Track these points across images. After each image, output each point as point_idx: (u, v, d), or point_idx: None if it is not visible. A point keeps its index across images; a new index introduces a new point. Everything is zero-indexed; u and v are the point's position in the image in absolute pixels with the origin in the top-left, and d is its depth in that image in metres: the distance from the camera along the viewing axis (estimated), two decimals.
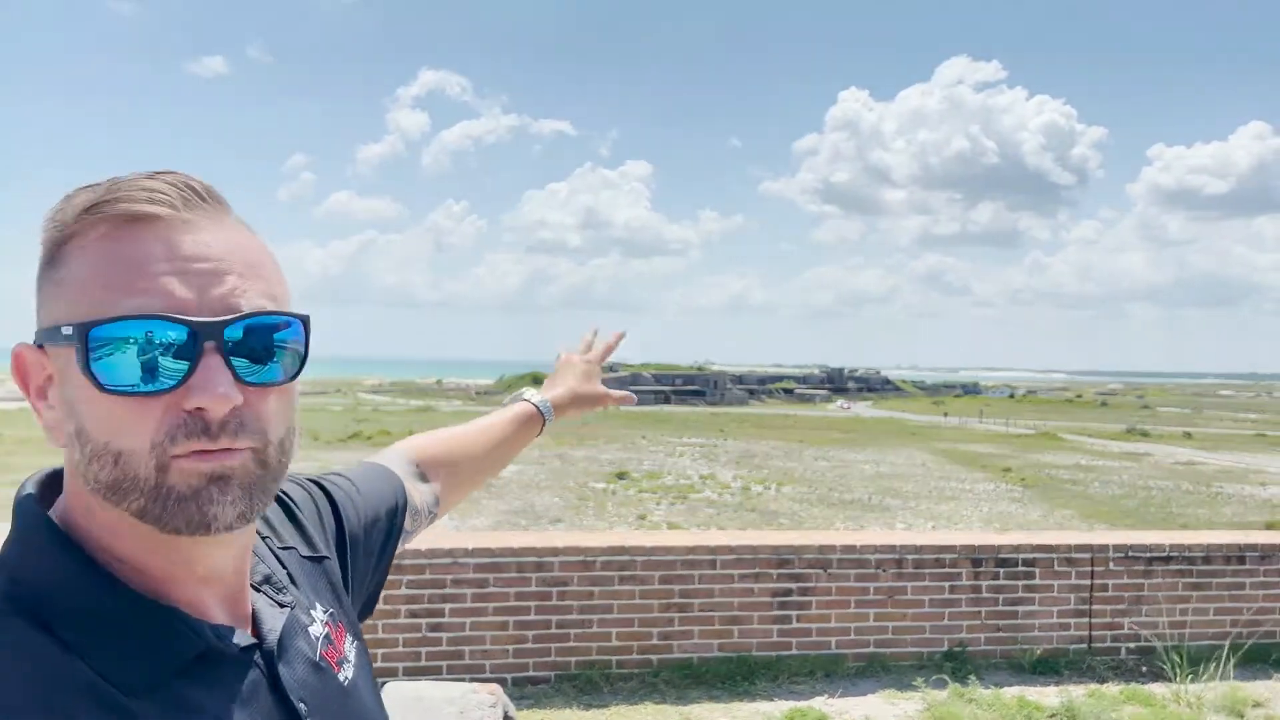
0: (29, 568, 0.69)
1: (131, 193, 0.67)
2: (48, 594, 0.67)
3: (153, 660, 0.68)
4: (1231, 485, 41.24)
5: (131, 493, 0.67)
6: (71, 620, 0.67)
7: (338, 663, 0.85)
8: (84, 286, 0.67)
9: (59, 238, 0.69)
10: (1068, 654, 5.68)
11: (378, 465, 1.18)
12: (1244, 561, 5.90)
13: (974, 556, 5.66)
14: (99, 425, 0.67)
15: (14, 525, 0.73)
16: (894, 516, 30.54)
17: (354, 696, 0.85)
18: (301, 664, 0.80)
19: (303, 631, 0.83)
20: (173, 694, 0.68)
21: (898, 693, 5.20)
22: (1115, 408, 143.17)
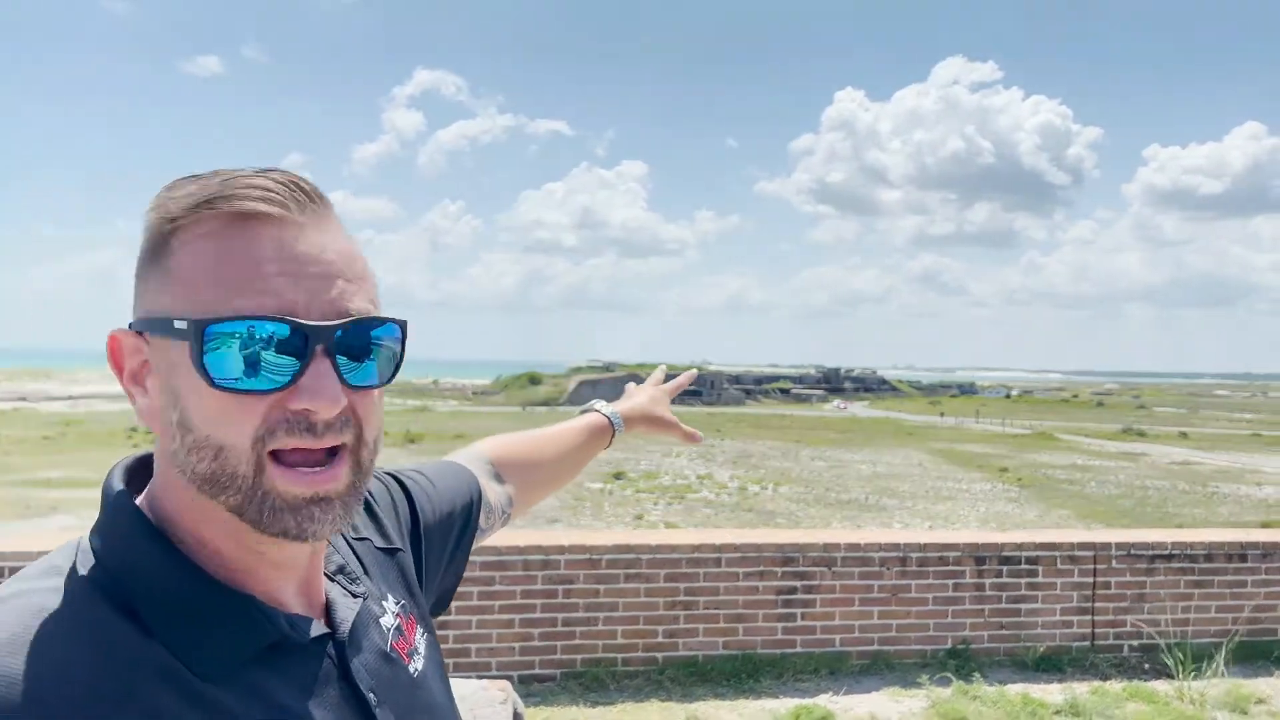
0: (115, 553, 0.71)
1: (244, 190, 0.68)
2: (132, 579, 0.69)
3: (229, 648, 0.70)
4: (1227, 485, 41.33)
5: (229, 488, 0.69)
6: (154, 605, 0.68)
7: (408, 654, 0.87)
8: (195, 281, 0.68)
9: (165, 228, 0.70)
10: (1071, 651, 5.70)
11: (454, 463, 1.20)
12: (1245, 559, 5.92)
13: (977, 554, 5.68)
14: (204, 418, 0.68)
15: (102, 511, 0.74)
16: (891, 516, 30.58)
17: (423, 688, 0.87)
18: (373, 654, 0.82)
19: (374, 622, 0.85)
20: (246, 681, 0.70)
21: (902, 690, 5.22)
22: (1111, 408, 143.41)
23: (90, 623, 0.66)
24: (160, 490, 0.74)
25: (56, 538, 5.11)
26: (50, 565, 0.71)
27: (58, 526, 24.11)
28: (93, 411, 77.73)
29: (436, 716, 0.87)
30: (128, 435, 54.31)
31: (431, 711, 0.86)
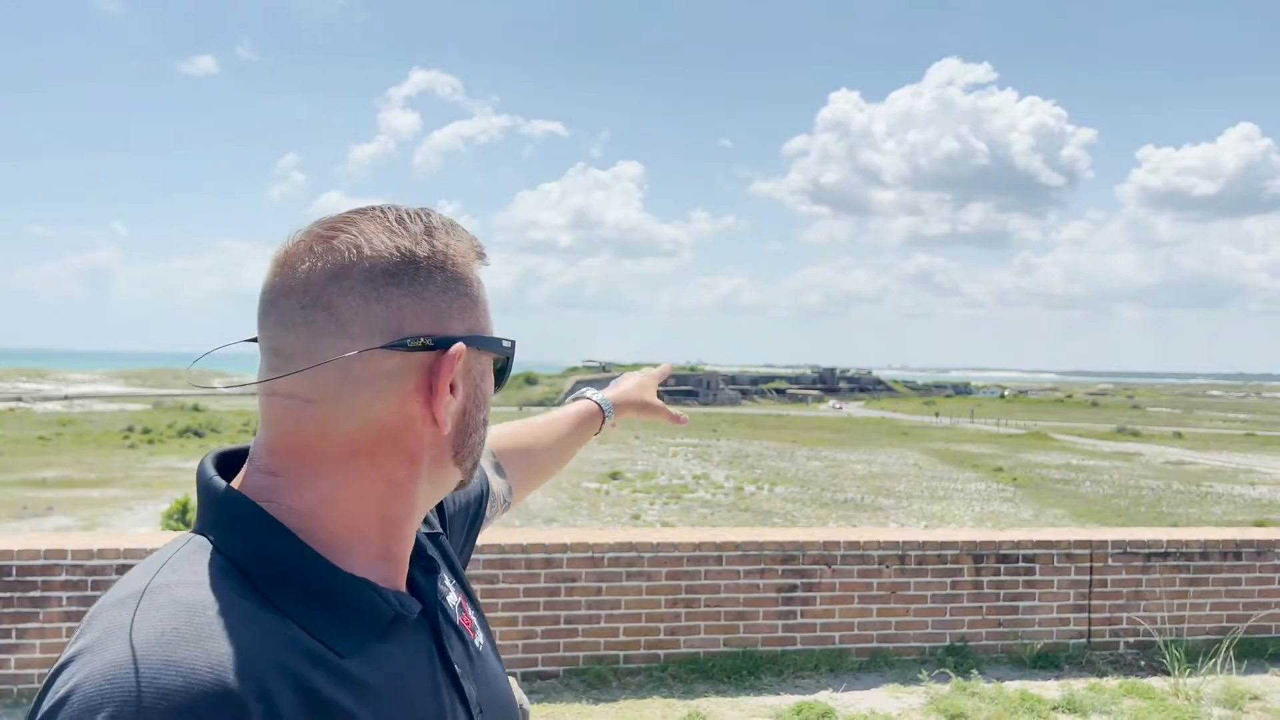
0: (242, 547, 0.78)
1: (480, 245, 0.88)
2: (263, 570, 0.77)
3: (357, 626, 0.78)
4: (1221, 485, 41.47)
5: (472, 456, 0.88)
6: (286, 593, 0.76)
7: (472, 628, 0.96)
8: (485, 310, 0.86)
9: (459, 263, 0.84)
10: (1068, 648, 5.76)
11: None
12: (1240, 557, 5.98)
13: (975, 553, 5.73)
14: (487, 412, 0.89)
15: (212, 507, 0.80)
16: (887, 516, 30.65)
17: (485, 659, 0.95)
18: (449, 628, 0.91)
19: (444, 599, 0.93)
20: (374, 654, 0.78)
21: (901, 687, 5.27)
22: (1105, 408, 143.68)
23: (241, 613, 0.72)
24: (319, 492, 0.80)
25: (59, 539, 5.15)
26: (173, 561, 0.76)
27: (54, 527, 24.08)
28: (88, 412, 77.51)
29: (497, 686, 0.95)
30: (124, 436, 54.20)
31: (495, 683, 0.95)
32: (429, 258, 0.81)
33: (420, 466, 0.83)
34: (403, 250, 0.80)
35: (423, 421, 0.81)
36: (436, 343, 0.80)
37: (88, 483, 35.33)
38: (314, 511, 0.79)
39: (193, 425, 60.20)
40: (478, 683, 0.90)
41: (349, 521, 0.80)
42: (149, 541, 5.03)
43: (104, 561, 4.87)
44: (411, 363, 0.80)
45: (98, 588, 4.85)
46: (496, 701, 0.93)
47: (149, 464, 42.37)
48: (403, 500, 0.83)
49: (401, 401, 0.80)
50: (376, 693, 0.76)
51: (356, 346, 0.77)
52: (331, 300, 0.78)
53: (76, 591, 4.85)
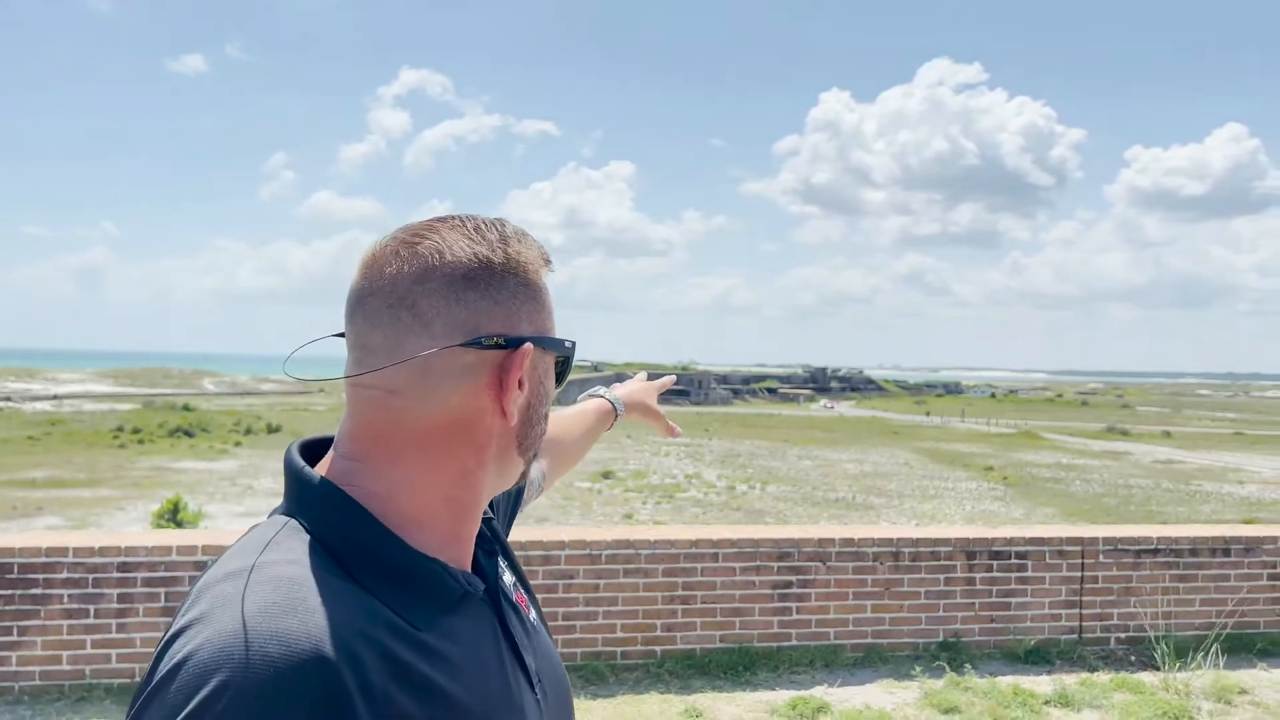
0: (331, 530, 0.86)
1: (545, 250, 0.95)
2: (349, 550, 0.84)
3: (430, 602, 0.86)
4: (1210, 483, 41.69)
5: (534, 448, 0.96)
6: (369, 571, 0.84)
7: (526, 605, 1.04)
8: (551, 314, 0.94)
9: (535, 274, 0.93)
10: (1059, 644, 5.83)
11: None
12: (1229, 554, 6.06)
13: (968, 550, 5.80)
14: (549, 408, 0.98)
15: (301, 491, 0.89)
16: (878, 515, 30.75)
17: (541, 635, 1.03)
18: (508, 605, 0.98)
19: (501, 578, 1.01)
20: (446, 628, 0.86)
21: (895, 682, 5.32)
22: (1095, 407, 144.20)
23: (332, 589, 0.80)
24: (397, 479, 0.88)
25: (60, 537, 5.17)
26: (268, 542, 0.84)
27: (44, 527, 23.99)
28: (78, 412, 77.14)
29: (553, 660, 1.03)
30: (113, 436, 53.99)
31: (549, 656, 1.03)
32: (503, 264, 0.89)
33: (488, 455, 0.91)
34: (480, 257, 0.88)
35: (492, 414, 0.89)
36: (508, 342, 0.88)
37: (77, 483, 35.20)
38: (391, 495, 0.87)
39: (183, 425, 59.99)
40: (535, 655, 0.98)
41: (422, 505, 0.88)
42: (149, 540, 5.06)
43: (105, 560, 4.90)
44: (485, 360, 0.88)
45: (99, 585, 4.88)
46: (551, 673, 1.01)
47: (139, 464, 42.23)
48: (471, 486, 0.91)
49: (475, 395, 0.88)
50: (451, 661, 0.84)
51: (438, 344, 0.86)
52: (416, 301, 0.86)
53: (78, 589, 4.87)
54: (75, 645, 4.88)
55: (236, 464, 42.75)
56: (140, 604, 4.93)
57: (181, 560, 4.96)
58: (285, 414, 78.13)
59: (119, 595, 4.91)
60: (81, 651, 4.89)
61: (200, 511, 21.92)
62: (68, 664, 4.87)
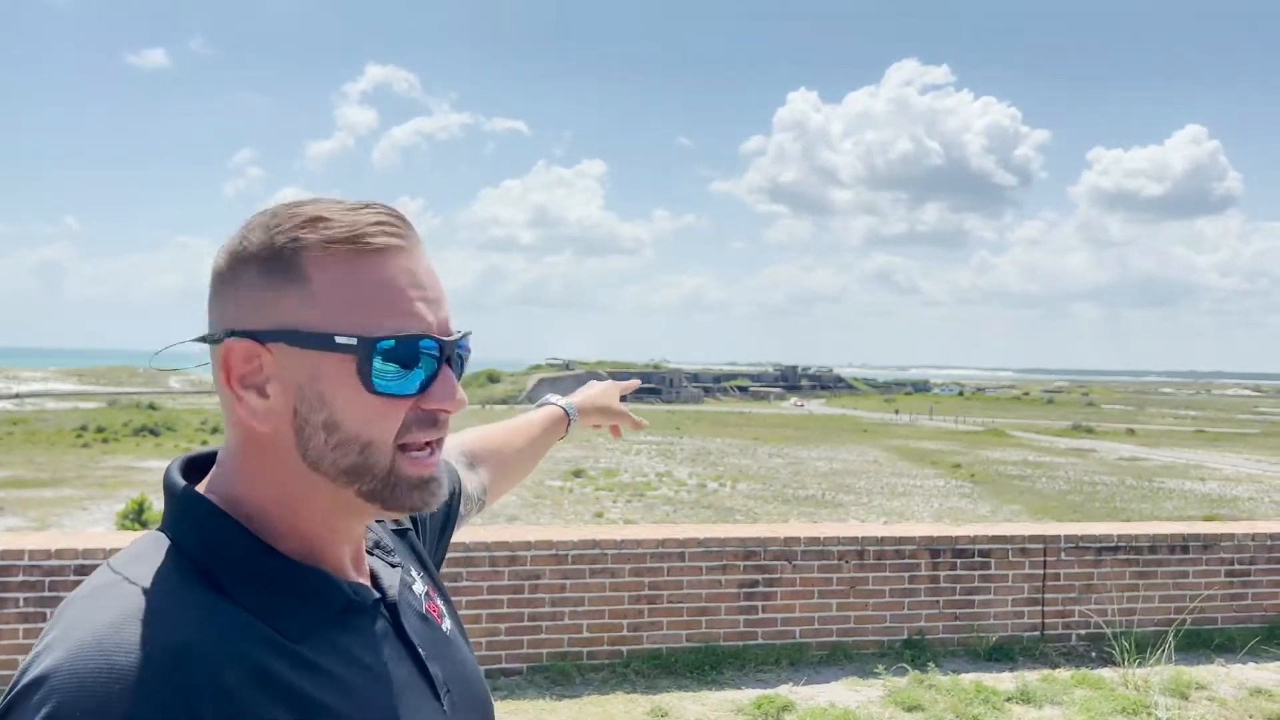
0: (196, 540, 0.81)
1: (374, 228, 0.81)
2: (215, 560, 0.80)
3: (309, 612, 0.82)
4: (1173, 480, 42.32)
5: (366, 476, 0.81)
6: (239, 581, 0.79)
7: (439, 615, 1.01)
8: (345, 304, 0.79)
9: (297, 256, 0.79)
10: (1022, 641, 5.89)
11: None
12: (1187, 551, 6.15)
13: (932, 547, 5.84)
14: (355, 419, 0.80)
15: (172, 504, 0.84)
16: (847, 512, 30.96)
17: (454, 645, 1.00)
18: (413, 615, 0.95)
19: (409, 589, 0.97)
20: (327, 639, 0.82)
21: (860, 680, 5.35)
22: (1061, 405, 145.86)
23: (191, 598, 0.76)
24: (241, 481, 0.84)
25: (16, 539, 5.08)
26: (133, 556, 0.81)
27: (4, 528, 23.61)
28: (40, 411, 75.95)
29: (468, 669, 1.00)
30: (77, 435, 53.23)
31: (464, 665, 1.00)
32: (241, 253, 0.81)
33: (276, 465, 0.82)
34: (231, 247, 0.82)
35: (249, 420, 0.82)
36: (263, 338, 0.79)
37: (39, 482, 34.69)
38: (243, 500, 0.83)
39: (148, 424, 59.26)
40: (444, 664, 0.94)
41: (275, 513, 0.83)
42: (107, 541, 4.99)
43: (62, 562, 4.82)
44: (217, 358, 0.82)
45: (55, 588, 4.81)
46: (465, 681, 0.97)
47: (103, 463, 41.66)
48: (301, 498, 0.83)
49: (226, 398, 0.83)
50: (329, 673, 0.80)
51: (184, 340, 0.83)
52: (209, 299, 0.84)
53: (34, 592, 4.79)
54: (30, 650, 4.80)
55: None
56: None
57: None
58: None
59: None
60: None
61: None
62: None
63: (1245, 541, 6.21)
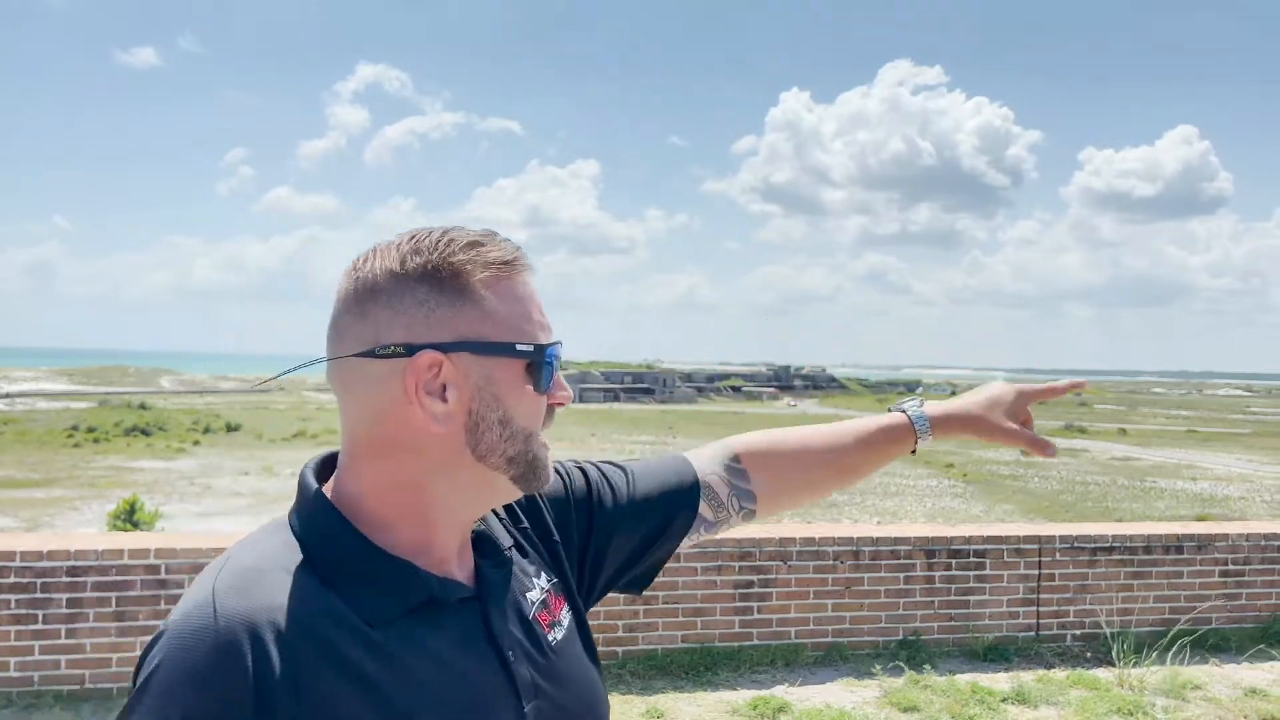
0: (306, 527, 0.93)
1: (516, 251, 0.96)
2: (316, 545, 0.91)
3: (389, 601, 0.90)
4: (1165, 480, 42.44)
5: (521, 462, 0.95)
6: (330, 565, 0.90)
7: (549, 625, 1.04)
8: (512, 317, 0.94)
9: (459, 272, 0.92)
10: (1017, 641, 5.89)
11: (674, 456, 1.31)
12: (1182, 551, 6.15)
13: (927, 548, 5.83)
14: (523, 415, 0.95)
15: (298, 496, 0.96)
16: (840, 512, 30.99)
17: (562, 657, 1.03)
18: (514, 619, 1.00)
19: (519, 592, 1.03)
20: (402, 629, 0.89)
21: (855, 680, 5.35)
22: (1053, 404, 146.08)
23: (287, 576, 0.87)
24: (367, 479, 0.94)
25: (8, 540, 5.05)
26: (255, 535, 0.94)
27: None
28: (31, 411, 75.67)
29: (571, 685, 1.02)
30: (68, 435, 53.02)
31: (565, 680, 1.01)
32: (416, 273, 0.92)
33: (431, 464, 0.93)
34: (387, 270, 0.92)
35: (422, 422, 0.91)
36: (409, 350, 0.90)
37: (31, 483, 34.54)
38: (361, 497, 0.94)
39: (140, 424, 59.08)
40: (540, 670, 0.98)
41: (386, 508, 0.93)
42: (99, 543, 4.96)
43: (54, 564, 4.79)
44: (394, 369, 0.91)
45: (47, 590, 4.78)
46: (566, 691, 1.00)
47: (94, 463, 41.50)
48: (425, 493, 0.94)
49: (393, 405, 0.91)
50: (403, 663, 0.88)
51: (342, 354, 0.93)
52: (338, 318, 0.94)
53: (25, 594, 4.76)
54: (23, 651, 4.77)
55: (195, 463, 42.16)
56: (90, 609, 4.83)
57: (134, 564, 4.86)
58: (244, 413, 77.16)
59: (68, 600, 4.81)
60: (30, 658, 4.78)
61: (158, 512, 21.59)
62: (15, 670, 4.76)
63: (1239, 542, 6.22)
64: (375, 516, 0.93)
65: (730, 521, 1.29)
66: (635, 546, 1.21)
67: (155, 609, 4.88)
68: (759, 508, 1.30)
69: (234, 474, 38.16)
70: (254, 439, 55.24)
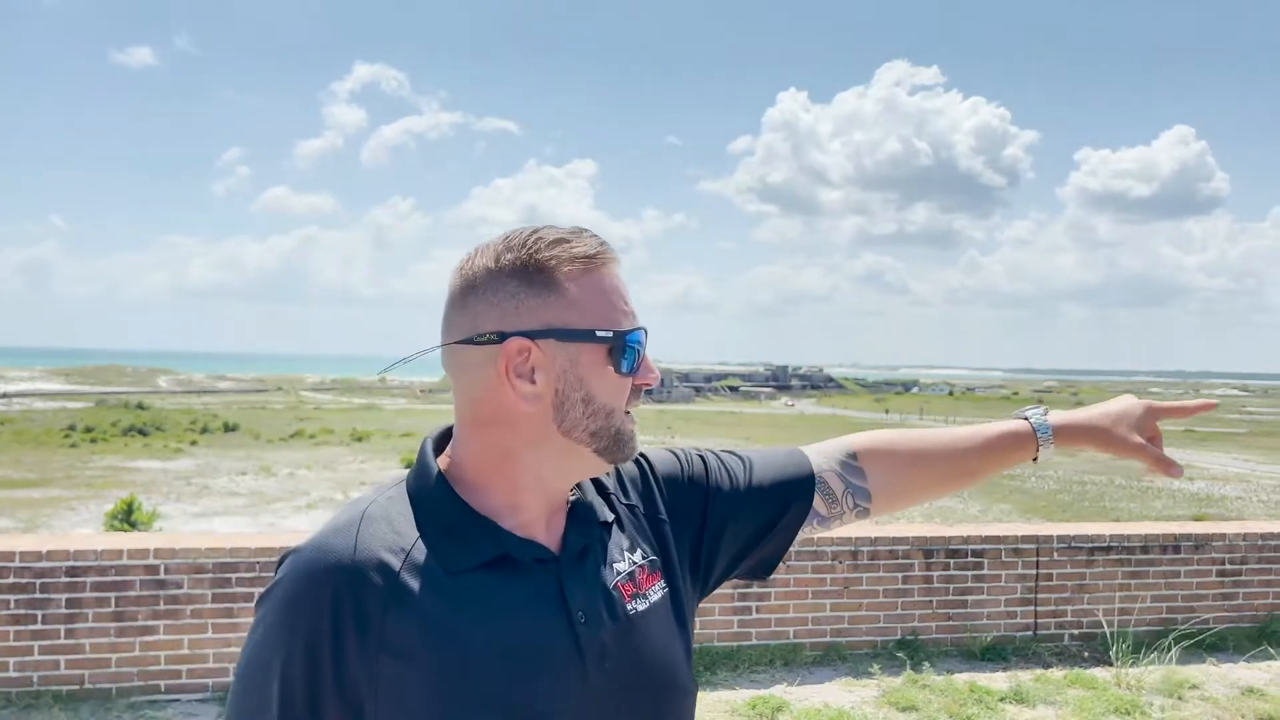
0: (419, 486, 1.07)
1: (600, 246, 1.07)
2: (422, 501, 1.06)
3: (468, 553, 1.03)
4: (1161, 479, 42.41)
5: (603, 437, 1.06)
6: (428, 518, 1.04)
7: (631, 596, 1.11)
8: (595, 306, 1.05)
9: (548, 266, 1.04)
10: (1015, 641, 5.90)
11: (793, 449, 1.36)
12: (1179, 551, 6.17)
13: (925, 548, 5.84)
14: (605, 394, 1.06)
15: (416, 460, 1.11)
16: None
17: (640, 627, 1.09)
18: (591, 585, 1.08)
19: (604, 562, 1.11)
20: (475, 579, 1.02)
21: (854, 680, 5.36)
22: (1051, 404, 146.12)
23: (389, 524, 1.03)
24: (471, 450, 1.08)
25: (7, 541, 5.05)
26: (387, 485, 1.10)
27: None
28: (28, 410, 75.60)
29: (645, 656, 1.08)
30: (65, 435, 52.94)
31: (640, 648, 1.08)
32: (508, 269, 1.04)
33: (524, 438, 1.05)
34: (482, 268, 1.05)
35: (515, 402, 1.04)
36: (501, 337, 1.03)
37: (27, 483, 34.48)
38: (463, 463, 1.08)
39: (137, 424, 59.03)
40: (612, 636, 1.05)
41: (480, 474, 1.07)
42: (98, 543, 4.96)
43: (53, 564, 4.79)
44: (490, 355, 1.04)
45: (46, 590, 4.78)
46: (640, 661, 1.07)
47: (91, 463, 41.44)
48: (515, 463, 1.06)
49: (490, 387, 1.04)
50: (467, 606, 1.00)
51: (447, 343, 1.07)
52: (447, 311, 1.07)
53: (24, 594, 4.76)
54: (23, 651, 4.77)
55: (193, 463, 42.10)
56: (89, 609, 4.83)
57: (133, 564, 4.87)
58: (242, 412, 77.10)
59: (67, 600, 4.81)
60: (29, 658, 4.78)
61: (155, 512, 21.54)
62: (14, 670, 4.76)
63: (1236, 541, 6.24)
64: (473, 480, 1.07)
65: (843, 518, 1.32)
66: (750, 534, 1.27)
67: (154, 609, 4.88)
68: (874, 506, 1.32)
69: (232, 474, 38.12)
70: (252, 439, 55.16)
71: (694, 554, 1.23)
